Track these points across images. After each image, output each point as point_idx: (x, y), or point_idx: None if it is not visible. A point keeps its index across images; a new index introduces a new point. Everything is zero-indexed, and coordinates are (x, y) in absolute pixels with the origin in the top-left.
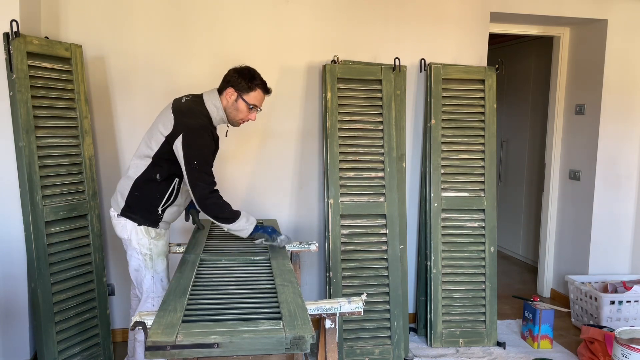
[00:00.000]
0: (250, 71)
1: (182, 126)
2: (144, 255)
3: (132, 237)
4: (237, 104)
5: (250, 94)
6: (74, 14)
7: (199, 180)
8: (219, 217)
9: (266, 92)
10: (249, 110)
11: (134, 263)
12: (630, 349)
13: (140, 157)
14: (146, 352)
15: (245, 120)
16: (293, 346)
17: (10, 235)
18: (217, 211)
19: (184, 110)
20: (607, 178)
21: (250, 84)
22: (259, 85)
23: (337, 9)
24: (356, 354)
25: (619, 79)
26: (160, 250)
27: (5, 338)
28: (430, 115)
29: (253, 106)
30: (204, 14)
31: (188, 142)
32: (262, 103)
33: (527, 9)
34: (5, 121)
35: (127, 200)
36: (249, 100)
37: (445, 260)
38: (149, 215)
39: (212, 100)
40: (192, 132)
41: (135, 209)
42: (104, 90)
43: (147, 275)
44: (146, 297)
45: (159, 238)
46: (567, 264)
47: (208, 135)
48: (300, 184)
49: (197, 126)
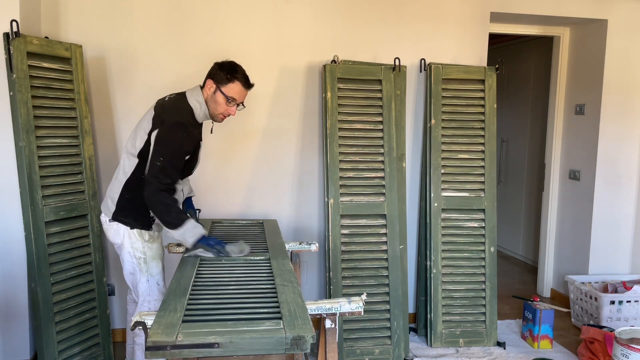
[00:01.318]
0: (231, 64)
1: (159, 121)
2: (138, 259)
3: (125, 241)
4: (216, 96)
5: (228, 85)
6: (74, 14)
7: (155, 177)
8: (164, 219)
9: (247, 87)
10: (227, 104)
11: (129, 267)
12: (630, 349)
13: (127, 157)
14: (146, 352)
15: (225, 114)
16: (293, 346)
17: (10, 236)
18: (162, 212)
19: (166, 106)
20: (607, 178)
21: (230, 75)
22: (238, 78)
23: (337, 9)
24: (356, 354)
25: (619, 79)
26: (154, 253)
27: (5, 338)
28: (430, 115)
29: (231, 99)
30: (204, 14)
31: (160, 136)
32: (242, 97)
33: (527, 9)
34: (5, 121)
35: (118, 203)
36: (227, 92)
37: (445, 260)
38: (141, 217)
39: (195, 95)
40: (167, 128)
41: (127, 212)
42: (104, 90)
43: (142, 279)
44: (142, 302)
45: (152, 241)
46: (567, 264)
47: (182, 133)
48: (300, 184)
49: (173, 122)
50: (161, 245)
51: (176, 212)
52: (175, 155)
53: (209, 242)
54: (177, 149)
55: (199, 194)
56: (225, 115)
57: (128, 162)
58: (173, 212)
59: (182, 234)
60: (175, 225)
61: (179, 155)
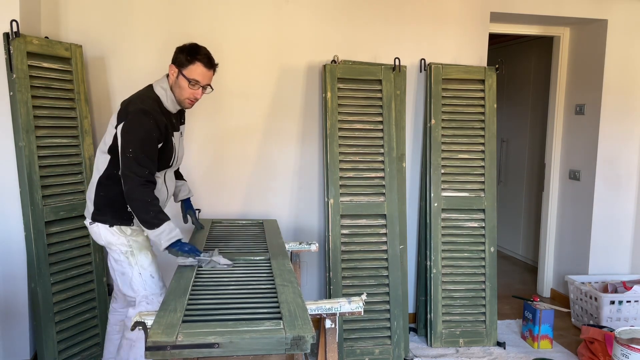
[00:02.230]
0: (192, 46)
1: (123, 113)
2: (125, 253)
3: (109, 240)
4: (179, 80)
5: (189, 67)
6: (74, 14)
7: (129, 170)
8: (141, 217)
9: (209, 67)
10: (190, 87)
11: (118, 266)
12: (630, 349)
13: (100, 155)
14: (146, 352)
15: (191, 99)
16: (293, 346)
17: (10, 235)
18: (139, 209)
19: (130, 98)
20: (607, 178)
21: (190, 57)
22: (199, 59)
23: (337, 9)
24: (356, 354)
25: (619, 79)
26: (141, 244)
27: (5, 338)
28: (430, 115)
29: (194, 81)
30: (204, 14)
31: (125, 127)
32: (206, 79)
33: (527, 9)
34: (5, 121)
35: (95, 202)
36: (189, 74)
37: (445, 260)
38: (119, 213)
39: (160, 83)
40: (131, 118)
41: (104, 209)
42: (104, 90)
43: (134, 274)
44: (140, 299)
45: (136, 234)
46: (567, 264)
47: (148, 120)
48: (300, 184)
49: (137, 110)
50: (147, 238)
51: (155, 211)
52: (145, 143)
53: (184, 248)
54: (145, 136)
55: (199, 193)
56: (192, 99)
57: (100, 160)
58: (151, 211)
59: (158, 235)
60: (152, 225)
61: (148, 143)
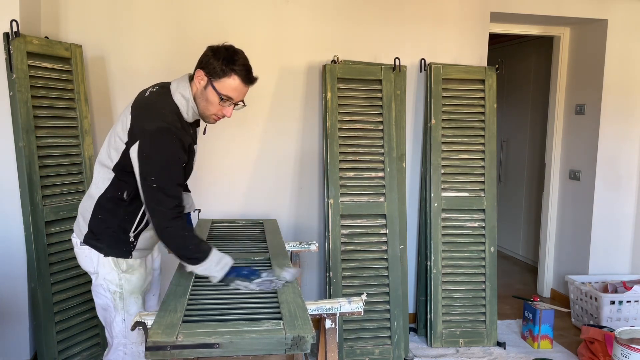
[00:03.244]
0: (229, 51)
1: (138, 130)
2: (113, 293)
3: (98, 271)
4: (207, 92)
5: (223, 80)
6: (74, 14)
7: (156, 204)
8: (182, 254)
9: (248, 82)
10: (221, 103)
11: (101, 301)
12: (630, 349)
13: (101, 169)
14: (146, 352)
15: (219, 116)
16: (293, 346)
17: (10, 235)
18: (178, 245)
19: (144, 107)
20: (607, 178)
21: (225, 67)
22: (237, 71)
23: (337, 9)
24: (356, 354)
25: (619, 79)
26: (133, 286)
27: (5, 338)
28: (430, 115)
29: (226, 98)
30: (204, 14)
31: (144, 151)
32: (241, 96)
33: (527, 9)
34: (5, 121)
35: (91, 224)
36: (221, 89)
37: (445, 260)
38: (118, 243)
39: (181, 89)
40: (150, 139)
41: (101, 235)
42: (104, 90)
43: (116, 318)
44: (117, 344)
45: (132, 271)
46: (567, 264)
47: (172, 141)
48: (300, 184)
49: (156, 130)
50: (144, 276)
51: (195, 243)
52: (169, 169)
53: (242, 272)
54: (169, 160)
55: (199, 193)
56: (220, 116)
57: (102, 176)
58: (191, 245)
59: (206, 269)
60: (196, 261)
61: (174, 168)
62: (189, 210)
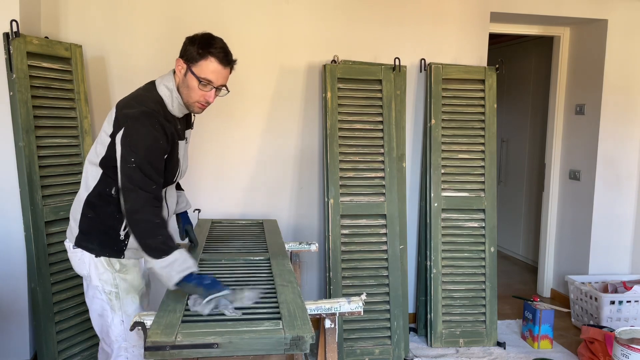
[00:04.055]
0: (205, 36)
1: (122, 118)
2: (108, 294)
3: (91, 273)
4: (187, 79)
5: (200, 63)
6: (74, 14)
7: (132, 182)
8: (147, 243)
9: (226, 63)
10: (201, 88)
11: (97, 306)
12: (630, 349)
13: (89, 167)
14: (146, 352)
15: (202, 102)
16: (293, 346)
17: (10, 235)
18: (146, 231)
19: (128, 99)
20: (607, 178)
21: (202, 50)
22: (213, 53)
23: (337, 9)
24: (356, 354)
25: (619, 79)
26: (129, 285)
27: (5, 338)
28: (430, 115)
29: (205, 81)
30: (204, 14)
31: (127, 135)
32: (221, 79)
33: (527, 8)
34: (5, 121)
35: (81, 225)
36: (199, 72)
37: (445, 260)
38: (109, 241)
39: (165, 81)
40: (131, 123)
41: (91, 235)
42: (104, 90)
43: (115, 320)
44: (118, 350)
45: (126, 271)
46: (567, 264)
47: (154, 125)
48: (300, 184)
49: (139, 113)
50: (140, 276)
51: (164, 235)
52: (151, 151)
53: (203, 282)
54: (151, 143)
55: (199, 193)
56: (203, 103)
57: (90, 173)
58: (160, 235)
59: (167, 267)
60: (160, 253)
61: (154, 151)
62: (185, 209)
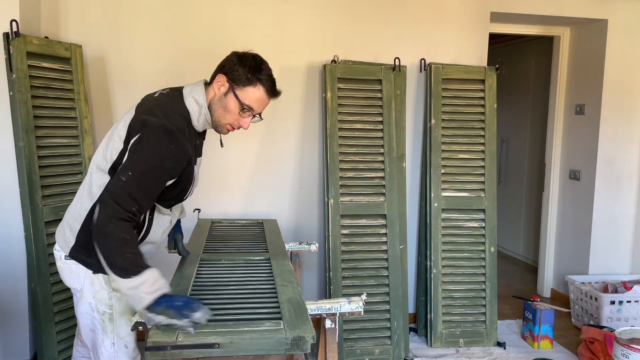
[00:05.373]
0: (257, 59)
1: (140, 125)
2: (102, 314)
3: (85, 289)
4: (227, 99)
5: (247, 89)
6: (74, 14)
7: (111, 196)
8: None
9: (271, 94)
10: (240, 113)
11: (88, 322)
12: (630, 349)
13: (96, 173)
14: (146, 353)
15: (234, 126)
16: (293, 346)
17: (10, 235)
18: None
19: (151, 105)
20: (607, 178)
21: (252, 75)
22: (263, 81)
23: (337, 9)
24: (356, 354)
25: (619, 79)
26: (124, 306)
27: (5, 338)
28: (430, 115)
29: (247, 108)
30: (204, 14)
31: (137, 143)
32: (262, 107)
33: (527, 8)
34: (5, 121)
35: (79, 236)
36: (244, 98)
37: (445, 260)
38: None
39: (194, 94)
40: (146, 135)
41: (90, 250)
42: (104, 90)
43: (105, 342)
44: None
45: None
46: (567, 264)
47: (171, 145)
48: (300, 184)
49: (158, 127)
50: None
51: (133, 252)
52: (150, 174)
53: (174, 303)
54: (157, 165)
55: (199, 193)
56: (235, 127)
57: (96, 180)
58: (128, 253)
59: (136, 287)
60: (127, 272)
61: (155, 175)
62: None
